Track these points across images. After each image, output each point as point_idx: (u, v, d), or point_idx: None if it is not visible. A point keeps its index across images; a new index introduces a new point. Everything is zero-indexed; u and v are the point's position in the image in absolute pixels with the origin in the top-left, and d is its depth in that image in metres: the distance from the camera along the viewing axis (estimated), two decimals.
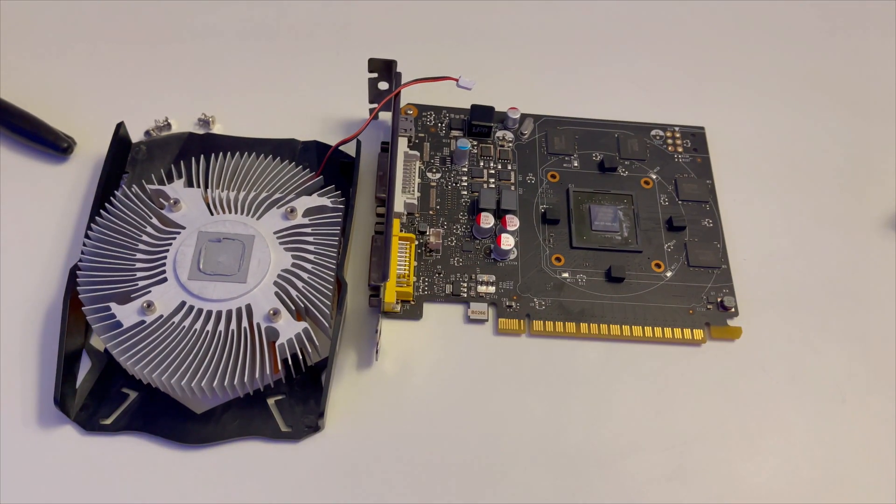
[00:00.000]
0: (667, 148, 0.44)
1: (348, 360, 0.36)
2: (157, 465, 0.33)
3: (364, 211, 0.41)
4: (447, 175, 0.42)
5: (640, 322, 0.38)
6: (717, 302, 0.39)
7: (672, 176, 0.43)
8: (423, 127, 0.43)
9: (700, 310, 0.38)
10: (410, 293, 0.37)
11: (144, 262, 0.35)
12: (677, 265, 0.40)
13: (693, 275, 0.39)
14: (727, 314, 0.38)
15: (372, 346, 0.36)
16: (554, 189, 0.42)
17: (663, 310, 0.38)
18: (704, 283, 0.39)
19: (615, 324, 0.37)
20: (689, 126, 0.45)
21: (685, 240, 0.41)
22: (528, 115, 0.44)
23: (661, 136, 0.44)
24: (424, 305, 0.38)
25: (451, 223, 0.40)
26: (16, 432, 0.33)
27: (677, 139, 0.44)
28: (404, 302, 0.37)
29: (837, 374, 0.38)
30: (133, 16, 0.48)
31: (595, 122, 0.45)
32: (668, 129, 0.45)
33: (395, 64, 0.39)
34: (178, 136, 0.42)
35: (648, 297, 0.39)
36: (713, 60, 0.49)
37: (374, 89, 0.41)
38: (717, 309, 0.39)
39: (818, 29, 0.50)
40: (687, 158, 0.44)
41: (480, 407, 0.35)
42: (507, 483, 0.34)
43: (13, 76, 0.44)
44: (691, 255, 0.40)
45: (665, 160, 0.43)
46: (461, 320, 0.38)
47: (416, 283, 0.38)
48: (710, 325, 0.38)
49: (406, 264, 0.37)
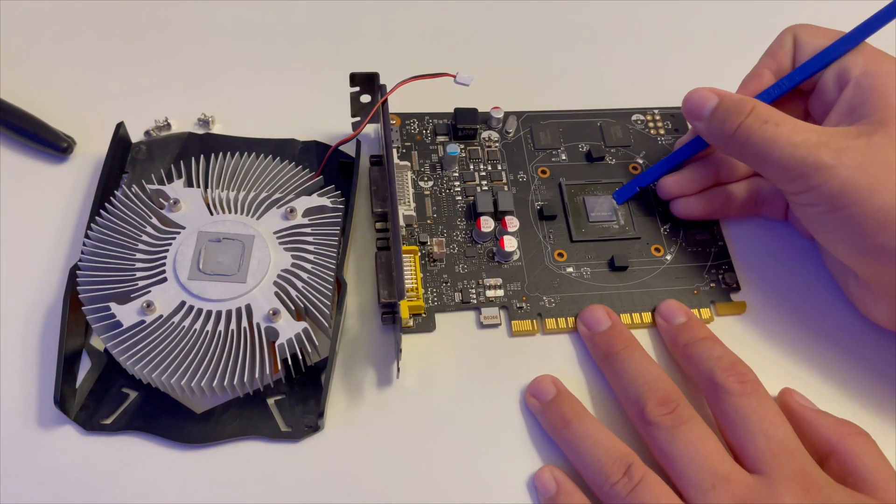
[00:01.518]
0: (649, 131, 0.44)
1: (359, 365, 0.36)
2: (157, 464, 0.33)
3: (364, 211, 0.41)
4: (439, 182, 0.42)
5: (649, 308, 0.38)
6: (718, 279, 0.39)
7: (658, 158, 0.43)
8: (408, 135, 0.43)
9: (704, 289, 0.39)
10: (422, 306, 0.37)
11: (144, 262, 0.35)
12: (676, 247, 0.40)
13: (692, 255, 0.40)
14: (730, 290, 0.39)
15: (380, 352, 0.36)
16: (546, 185, 0.42)
17: (669, 293, 0.38)
18: (704, 262, 0.40)
19: (624, 312, 0.38)
20: (667, 108, 0.45)
21: (680, 221, 0.41)
22: (510, 113, 0.44)
23: (642, 121, 0.45)
24: (436, 316, 0.37)
25: (449, 230, 0.40)
26: (16, 432, 0.33)
27: (658, 121, 0.45)
28: (416, 315, 0.37)
29: (844, 336, 0.38)
30: (133, 16, 0.48)
31: (577, 114, 0.45)
32: (648, 113, 0.45)
33: (378, 77, 0.39)
34: (177, 136, 0.42)
35: (652, 282, 0.39)
36: (682, 41, 0.50)
37: (357, 103, 0.40)
38: (720, 286, 0.39)
39: None
40: (669, 140, 0.44)
41: (491, 406, 0.35)
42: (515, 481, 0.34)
43: (13, 76, 0.44)
44: (688, 236, 0.40)
45: (649, 143, 0.44)
46: (475, 327, 0.38)
47: (425, 294, 0.38)
48: (716, 303, 0.38)
49: (413, 277, 0.37)
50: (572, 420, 0.33)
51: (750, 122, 0.34)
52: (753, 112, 0.34)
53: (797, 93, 0.38)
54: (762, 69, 0.38)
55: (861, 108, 0.34)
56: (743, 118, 0.34)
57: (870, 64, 0.35)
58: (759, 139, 0.34)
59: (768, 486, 0.30)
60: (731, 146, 0.35)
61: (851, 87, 0.35)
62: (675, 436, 0.31)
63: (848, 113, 0.34)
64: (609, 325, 0.36)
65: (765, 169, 0.35)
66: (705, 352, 0.34)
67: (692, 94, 0.36)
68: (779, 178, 0.34)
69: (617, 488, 0.31)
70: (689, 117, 0.37)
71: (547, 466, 0.33)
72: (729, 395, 0.32)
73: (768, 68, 0.38)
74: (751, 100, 0.35)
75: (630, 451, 0.32)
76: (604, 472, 0.31)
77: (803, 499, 0.29)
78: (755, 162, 0.35)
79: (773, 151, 0.33)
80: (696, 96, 0.36)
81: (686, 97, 0.37)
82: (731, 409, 0.32)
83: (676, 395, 0.33)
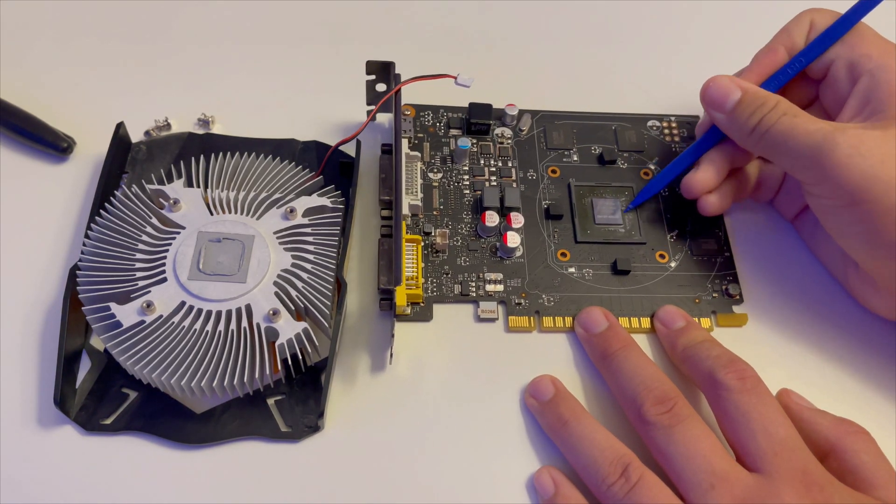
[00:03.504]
0: (664, 138, 0.44)
1: (358, 364, 0.36)
2: (157, 464, 0.33)
3: (364, 211, 0.41)
4: (448, 174, 0.42)
5: (648, 314, 0.38)
6: (721, 290, 0.39)
7: None
8: (421, 127, 0.43)
9: (706, 298, 0.39)
10: (420, 295, 0.37)
11: (144, 262, 0.35)
12: (681, 255, 0.40)
13: (697, 264, 0.40)
14: (732, 301, 0.39)
15: (379, 348, 0.36)
16: (555, 184, 0.42)
17: (670, 300, 0.38)
18: (709, 272, 0.39)
19: (623, 316, 0.38)
20: (684, 115, 0.45)
21: (687, 229, 0.41)
22: (525, 111, 0.44)
23: (657, 127, 0.45)
24: (434, 306, 0.38)
25: (455, 223, 0.40)
26: (16, 432, 0.33)
27: (674, 129, 0.45)
28: (414, 304, 0.37)
29: (844, 353, 0.38)
30: (133, 16, 0.48)
31: (592, 116, 0.45)
32: (665, 120, 0.45)
33: (393, 66, 0.39)
34: (177, 136, 0.42)
35: (654, 288, 0.39)
36: (704, 49, 0.49)
37: (373, 91, 0.41)
38: (723, 296, 0.39)
39: None
40: (684, 148, 0.44)
41: (489, 404, 0.35)
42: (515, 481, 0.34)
43: (13, 76, 0.44)
44: (694, 245, 0.40)
45: (663, 150, 0.44)
46: (471, 320, 0.38)
47: (425, 284, 0.38)
48: (717, 314, 0.38)
49: (414, 266, 0.37)
50: (570, 420, 0.33)
51: (770, 116, 0.34)
52: (777, 107, 0.34)
53: (809, 81, 0.38)
54: (777, 45, 0.38)
55: (876, 103, 0.34)
56: (766, 112, 0.34)
57: (884, 57, 0.35)
58: (777, 130, 0.34)
59: (769, 484, 0.30)
60: (750, 139, 0.35)
61: (865, 80, 0.35)
62: (673, 435, 0.31)
63: (862, 106, 0.34)
64: (606, 326, 0.36)
65: (782, 159, 0.35)
66: (704, 352, 0.34)
67: (713, 83, 0.36)
68: (795, 167, 0.34)
69: (614, 489, 0.31)
70: (709, 107, 0.36)
71: (545, 467, 0.33)
72: (729, 393, 0.32)
73: (783, 44, 0.38)
74: (774, 95, 0.35)
75: (628, 452, 0.32)
76: (601, 473, 0.31)
77: (805, 498, 0.29)
78: (773, 153, 0.35)
79: (790, 140, 0.33)
80: (717, 86, 0.36)
81: (706, 86, 0.36)
82: (732, 406, 0.32)
83: (674, 393, 0.33)
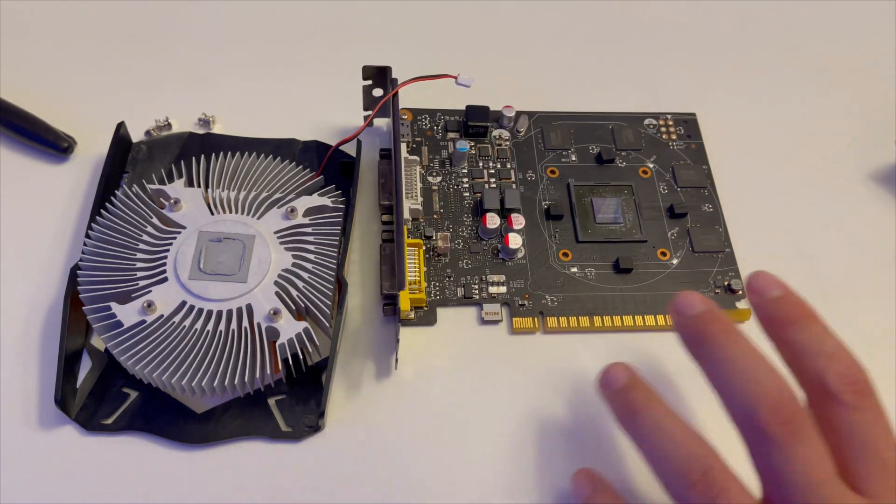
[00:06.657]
0: (661, 136, 0.44)
1: (360, 365, 0.36)
2: (158, 464, 0.33)
3: (365, 211, 0.41)
4: (448, 177, 0.42)
5: (652, 311, 0.38)
6: (724, 286, 0.39)
7: (669, 164, 0.43)
8: (419, 131, 0.43)
9: (709, 295, 0.39)
10: (424, 299, 0.37)
11: (145, 262, 0.35)
12: (682, 252, 0.40)
13: (698, 260, 0.40)
14: (735, 297, 0.39)
15: (382, 349, 0.36)
16: (555, 185, 0.42)
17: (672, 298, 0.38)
18: (710, 268, 0.40)
19: (627, 314, 0.38)
20: (680, 113, 0.45)
21: (687, 226, 0.41)
22: (522, 113, 0.44)
23: (654, 125, 0.45)
24: (438, 310, 0.38)
25: (455, 225, 0.40)
26: (16, 432, 0.33)
27: (670, 127, 0.45)
28: (418, 308, 0.37)
29: None
30: (133, 15, 0.48)
31: (589, 115, 0.45)
32: (661, 118, 0.45)
33: (390, 70, 0.39)
34: (178, 136, 0.42)
35: (657, 285, 0.39)
36: (699, 47, 0.49)
37: (369, 96, 0.41)
38: (725, 292, 0.39)
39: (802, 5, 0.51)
40: (682, 145, 0.44)
41: (494, 406, 0.35)
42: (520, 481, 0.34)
43: (13, 76, 0.44)
44: (695, 241, 0.40)
45: (660, 148, 0.44)
46: (475, 322, 0.38)
47: (428, 288, 0.38)
48: None
49: (416, 270, 0.37)
50: (641, 410, 0.29)
51: None
52: None
53: None
54: None
55: None
56: None
57: None
58: None
59: None
60: None
61: None
62: None
63: None
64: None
65: None
66: (814, 344, 0.28)
67: None
68: None
69: (692, 493, 0.27)
70: None
71: (584, 469, 0.32)
72: (843, 409, 0.27)
73: None
74: None
75: (710, 451, 0.28)
76: (674, 470, 0.27)
77: None
78: None
79: None
80: None
81: None
82: (844, 423, 0.27)
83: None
